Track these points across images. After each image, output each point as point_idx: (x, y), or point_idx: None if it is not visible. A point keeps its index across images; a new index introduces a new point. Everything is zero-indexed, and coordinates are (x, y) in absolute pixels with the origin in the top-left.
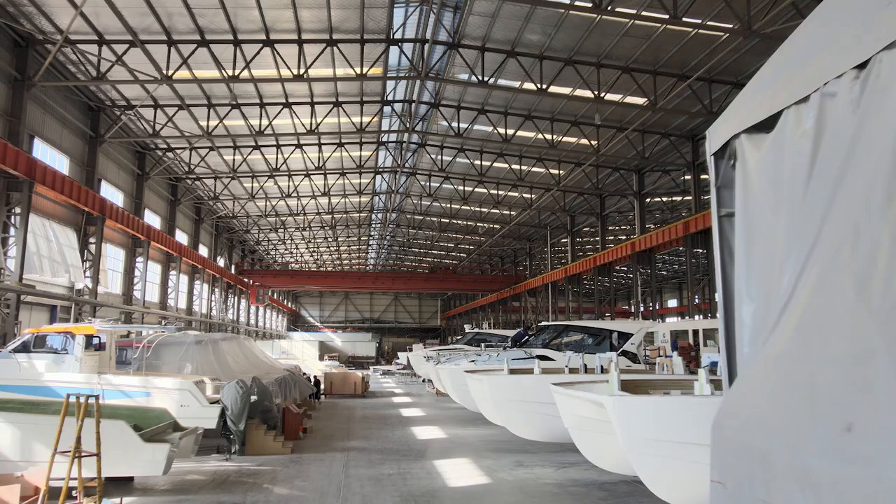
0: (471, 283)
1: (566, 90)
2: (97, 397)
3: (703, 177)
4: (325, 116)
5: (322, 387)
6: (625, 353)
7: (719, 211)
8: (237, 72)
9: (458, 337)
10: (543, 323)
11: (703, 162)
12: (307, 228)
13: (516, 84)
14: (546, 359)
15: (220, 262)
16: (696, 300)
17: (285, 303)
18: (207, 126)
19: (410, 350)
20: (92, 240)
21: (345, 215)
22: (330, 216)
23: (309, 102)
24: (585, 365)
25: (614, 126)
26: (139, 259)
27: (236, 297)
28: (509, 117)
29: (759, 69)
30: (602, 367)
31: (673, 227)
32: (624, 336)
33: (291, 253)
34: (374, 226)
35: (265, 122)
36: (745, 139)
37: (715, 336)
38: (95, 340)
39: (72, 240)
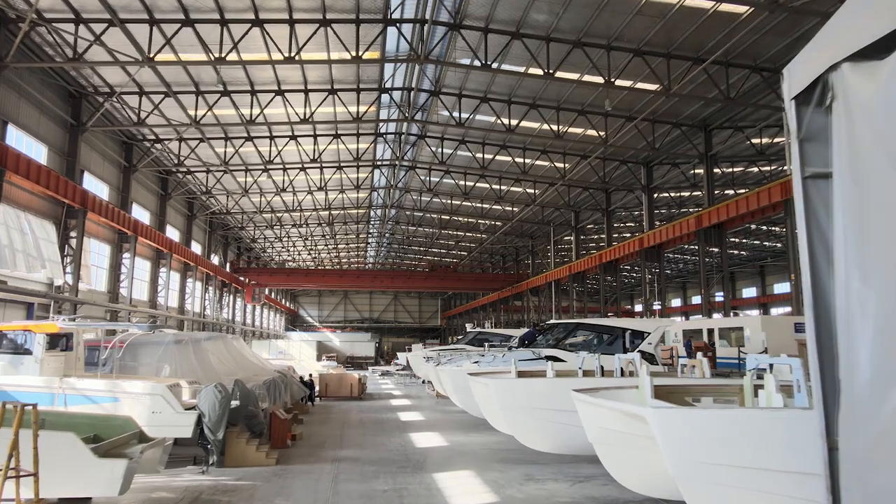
0: (472, 282)
1: (574, 75)
2: (35, 405)
3: (715, 170)
4: (320, 105)
5: (317, 389)
6: (641, 354)
7: (804, 171)
8: (224, 54)
9: (459, 337)
10: (551, 321)
11: (716, 153)
12: (304, 225)
13: (521, 69)
14: (555, 360)
15: (215, 259)
16: (702, 298)
17: (283, 302)
18: (196, 115)
19: (409, 350)
20: (73, 234)
21: (342, 211)
22: (327, 212)
23: (303, 90)
24: (602, 367)
25: (623, 115)
26: (126, 255)
27: (231, 296)
28: (513, 106)
29: (779, 52)
30: (622, 369)
31: (685, 222)
32: (638, 335)
33: (288, 251)
34: (372, 223)
35: (256, 110)
36: (850, 70)
37: (730, 336)
38: (91, 341)
39: (50, 233)
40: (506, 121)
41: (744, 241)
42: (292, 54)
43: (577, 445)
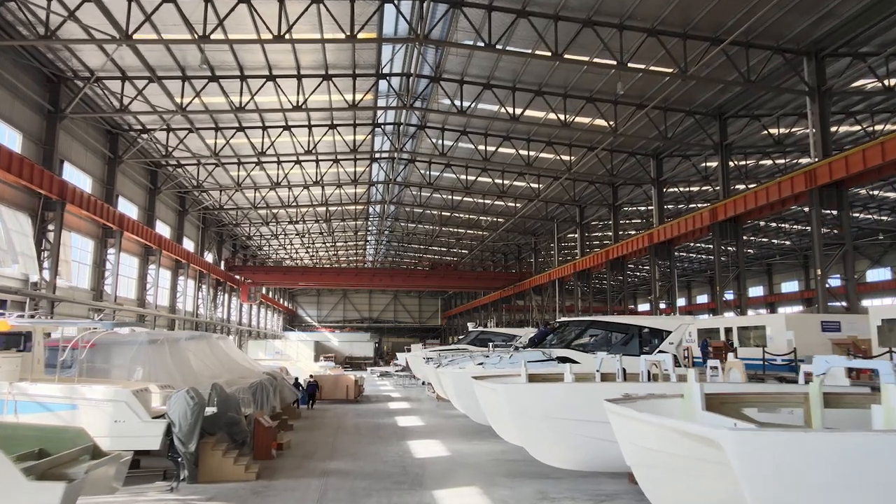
0: (473, 281)
1: (584, 58)
2: None
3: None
4: (314, 91)
5: (318, 391)
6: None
7: None
8: (209, 32)
9: (461, 336)
10: (562, 319)
11: (731, 143)
12: (300, 221)
13: (528, 50)
14: (568, 361)
15: (209, 257)
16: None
17: (281, 302)
18: (182, 102)
19: (408, 350)
20: (51, 227)
21: (340, 207)
22: (324, 208)
23: (295, 75)
24: (625, 370)
25: (634, 103)
26: (111, 251)
27: (227, 295)
28: (518, 93)
29: (804, 31)
30: (649, 372)
31: (698, 216)
32: (657, 334)
33: (286, 249)
34: (371, 219)
35: (247, 97)
36: None
37: (748, 335)
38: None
39: (24, 226)
40: (510, 109)
41: (752, 238)
42: (282, 33)
43: (602, 462)
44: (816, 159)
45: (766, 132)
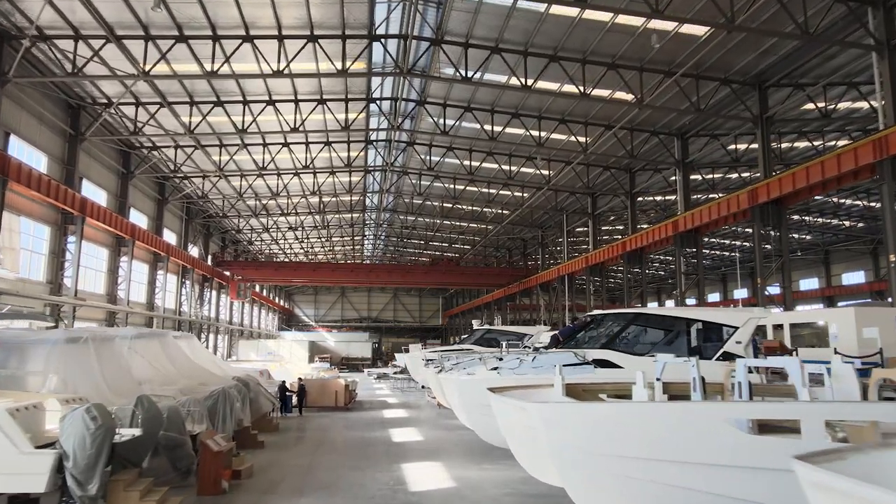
0: (475, 277)
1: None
2: None
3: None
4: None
5: (305, 398)
6: (727, 356)
7: None
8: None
9: (464, 336)
10: (596, 312)
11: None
12: (293, 213)
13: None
14: (608, 364)
15: (194, 251)
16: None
17: (277, 300)
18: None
19: (406, 351)
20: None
21: (334, 198)
22: (317, 199)
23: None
24: (703, 378)
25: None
26: (71, 238)
27: (214, 292)
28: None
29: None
30: (736, 384)
31: (734, 198)
32: (714, 329)
33: (278, 244)
34: (368, 213)
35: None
36: None
37: (802, 333)
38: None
39: None
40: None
41: (805, 218)
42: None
43: None
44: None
45: (811, 104)
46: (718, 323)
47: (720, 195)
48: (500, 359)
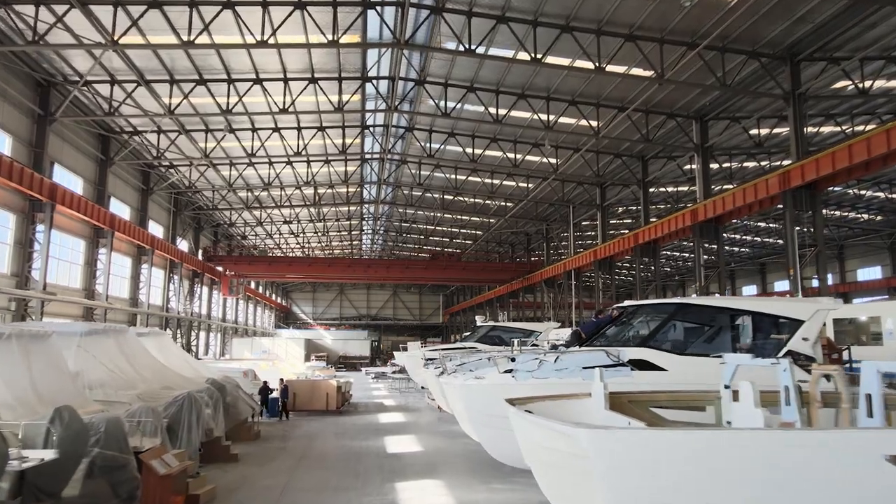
0: (477, 272)
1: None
2: None
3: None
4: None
5: (288, 401)
6: (791, 356)
7: None
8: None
9: (466, 333)
10: (628, 303)
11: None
12: (287, 206)
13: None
14: (647, 366)
15: (183, 245)
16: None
17: (274, 297)
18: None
19: (405, 349)
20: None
21: (331, 190)
22: (312, 190)
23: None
24: (799, 387)
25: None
26: (40, 227)
27: (205, 288)
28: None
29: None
30: (862, 398)
31: (762, 183)
32: (767, 323)
33: (273, 238)
34: (365, 218)
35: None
36: None
37: (847, 328)
38: None
39: None
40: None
41: (863, 193)
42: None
43: None
44: None
45: (845, 81)
46: (777, 315)
47: (735, 185)
48: (513, 359)
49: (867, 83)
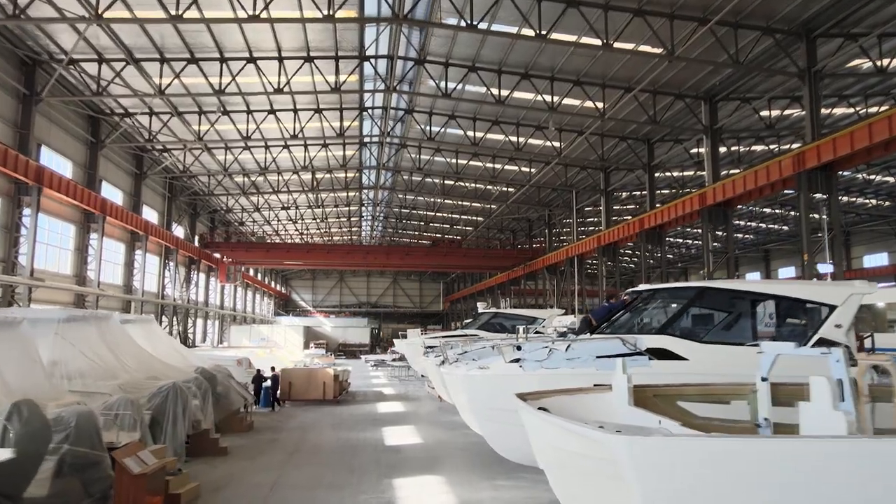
0: (478, 259)
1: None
2: None
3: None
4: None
5: (279, 390)
6: (823, 344)
7: None
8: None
9: (468, 320)
10: (644, 286)
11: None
12: (285, 191)
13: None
14: (666, 355)
15: (179, 231)
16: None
17: (273, 285)
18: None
19: (404, 337)
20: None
21: (329, 175)
22: (310, 175)
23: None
24: (850, 381)
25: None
26: (27, 211)
27: (202, 275)
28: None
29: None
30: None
31: (774, 165)
32: (794, 309)
33: (271, 224)
34: (365, 204)
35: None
36: None
37: (866, 315)
38: None
39: None
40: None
41: (872, 178)
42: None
43: None
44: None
45: (862, 59)
46: (806, 300)
47: (743, 168)
48: (519, 347)
49: (885, 61)
